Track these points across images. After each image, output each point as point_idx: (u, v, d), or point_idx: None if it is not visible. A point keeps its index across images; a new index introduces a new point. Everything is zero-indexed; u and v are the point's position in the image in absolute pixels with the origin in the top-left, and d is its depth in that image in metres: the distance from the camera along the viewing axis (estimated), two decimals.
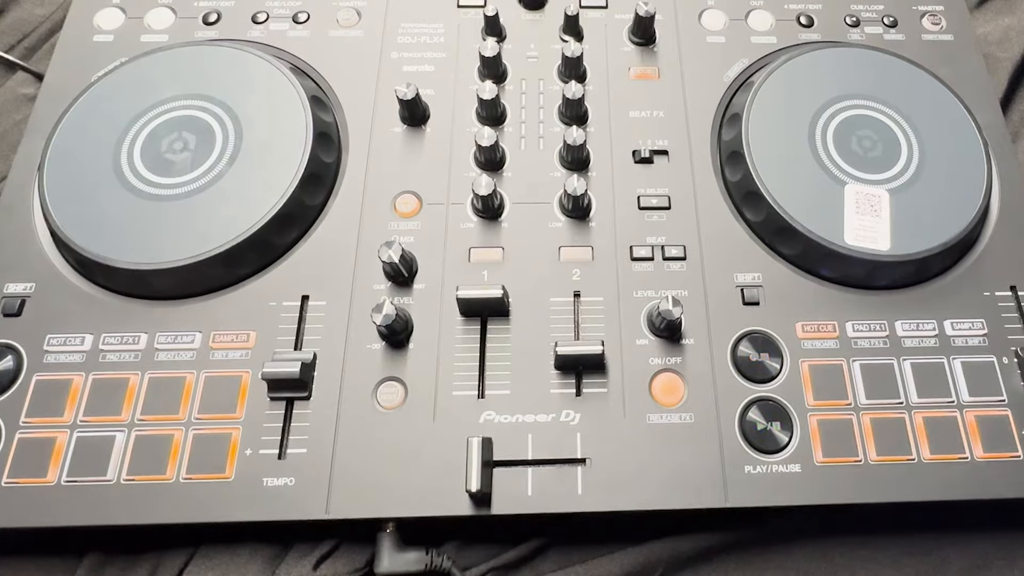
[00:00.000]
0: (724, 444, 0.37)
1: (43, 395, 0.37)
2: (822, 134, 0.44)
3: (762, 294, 0.41)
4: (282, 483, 0.35)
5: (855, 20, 0.51)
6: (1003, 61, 0.53)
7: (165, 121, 0.43)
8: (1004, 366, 0.39)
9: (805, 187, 0.42)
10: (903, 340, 0.40)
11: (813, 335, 0.39)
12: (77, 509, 0.35)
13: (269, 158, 0.42)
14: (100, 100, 0.44)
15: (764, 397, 0.38)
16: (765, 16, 0.51)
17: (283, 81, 0.44)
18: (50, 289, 0.40)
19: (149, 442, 0.36)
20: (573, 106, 0.45)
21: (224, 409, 0.37)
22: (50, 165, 0.42)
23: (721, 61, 0.49)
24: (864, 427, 0.37)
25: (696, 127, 0.46)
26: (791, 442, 0.37)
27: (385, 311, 0.37)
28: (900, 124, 0.45)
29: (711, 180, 0.44)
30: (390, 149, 0.45)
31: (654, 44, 0.49)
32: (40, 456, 0.35)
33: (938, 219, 0.42)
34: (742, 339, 0.39)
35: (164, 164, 0.42)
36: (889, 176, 0.43)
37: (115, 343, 0.38)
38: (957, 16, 0.51)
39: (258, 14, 0.49)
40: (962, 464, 0.37)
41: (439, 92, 0.47)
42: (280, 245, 0.41)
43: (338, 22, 0.49)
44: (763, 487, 0.36)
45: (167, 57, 0.46)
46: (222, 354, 0.38)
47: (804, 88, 0.46)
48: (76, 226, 0.40)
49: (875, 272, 0.41)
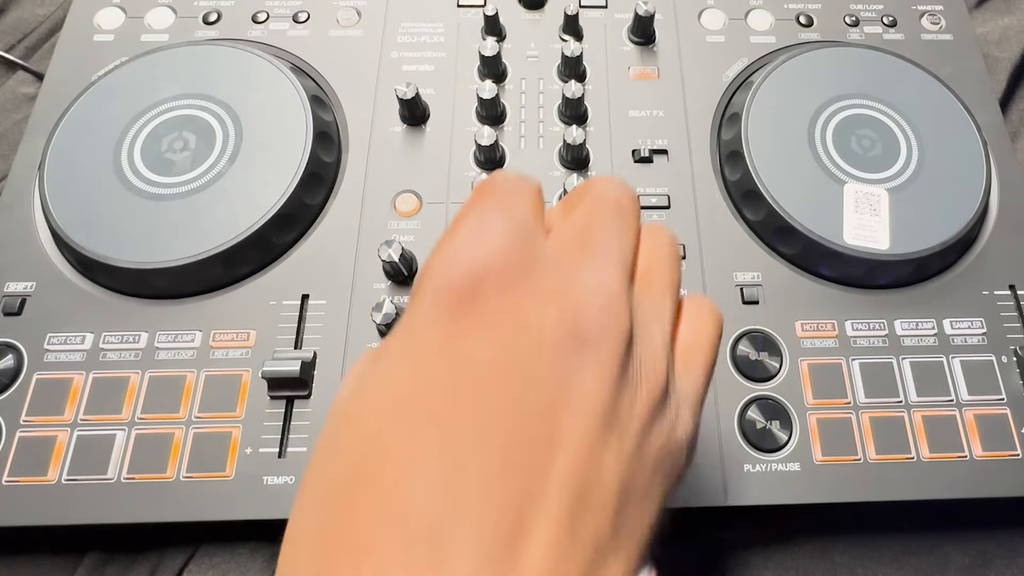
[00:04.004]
0: (723, 443, 0.37)
1: (43, 394, 0.37)
2: (821, 133, 0.44)
3: (761, 293, 0.41)
4: (282, 482, 0.35)
5: (854, 20, 0.51)
6: (1002, 61, 0.53)
7: (165, 120, 0.43)
8: (1003, 365, 0.39)
9: (804, 186, 0.42)
10: (902, 339, 0.40)
11: (812, 334, 0.40)
12: (77, 508, 0.35)
13: (269, 157, 0.42)
14: (100, 100, 0.44)
15: (763, 396, 0.38)
16: (765, 16, 0.51)
17: (283, 81, 0.44)
18: (50, 288, 0.40)
19: (149, 441, 0.36)
20: (573, 105, 0.45)
21: (224, 408, 0.37)
22: (50, 165, 0.42)
23: (720, 61, 0.49)
24: (863, 426, 0.37)
25: (695, 127, 0.46)
26: (790, 441, 0.37)
27: (385, 310, 0.37)
28: (899, 124, 0.45)
29: (711, 180, 0.44)
30: (390, 148, 0.45)
31: (654, 44, 0.49)
32: (41, 455, 0.35)
33: (937, 218, 0.42)
34: (741, 338, 0.39)
35: (164, 163, 0.42)
36: (888, 175, 0.43)
37: (115, 342, 0.38)
38: (957, 16, 0.51)
39: (258, 14, 0.49)
40: (961, 463, 0.37)
41: (439, 92, 0.47)
42: (280, 244, 0.41)
43: (338, 22, 0.49)
44: (762, 486, 0.36)
45: (167, 57, 0.46)
46: (222, 353, 0.38)
47: (803, 87, 0.46)
48: (76, 225, 0.40)
49: (874, 271, 0.41)
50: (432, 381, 0.18)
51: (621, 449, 0.18)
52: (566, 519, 0.17)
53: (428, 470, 0.17)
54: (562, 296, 0.19)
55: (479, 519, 0.16)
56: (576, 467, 0.17)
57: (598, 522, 0.17)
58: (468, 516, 0.16)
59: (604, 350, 0.18)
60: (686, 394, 0.21)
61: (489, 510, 0.16)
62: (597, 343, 0.18)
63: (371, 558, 0.16)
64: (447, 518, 0.16)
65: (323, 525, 0.17)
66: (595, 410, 0.18)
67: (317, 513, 0.18)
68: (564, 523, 0.17)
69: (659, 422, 0.20)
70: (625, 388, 0.19)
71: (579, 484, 0.17)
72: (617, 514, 0.18)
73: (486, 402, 0.17)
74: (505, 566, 0.16)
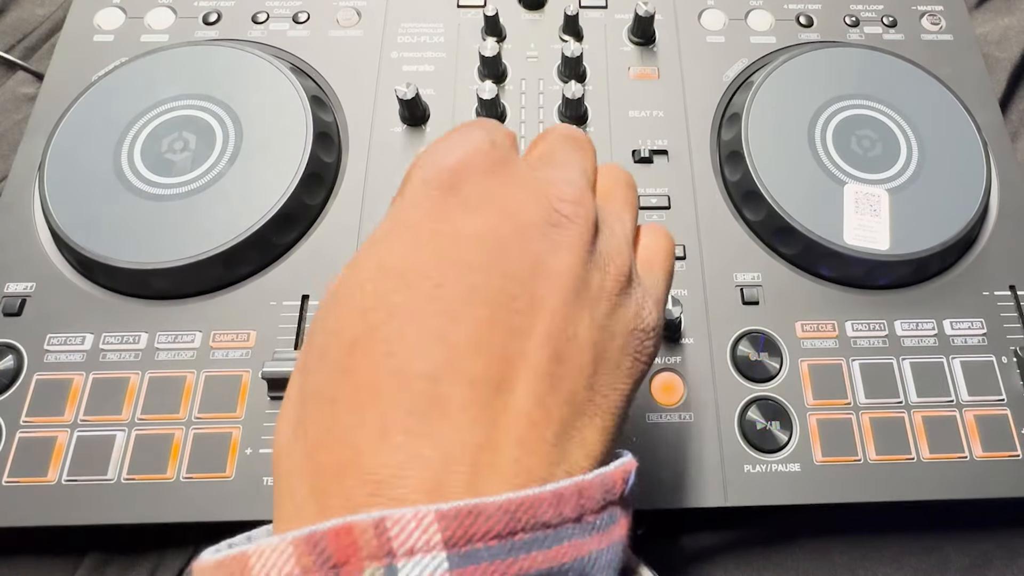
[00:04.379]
0: (724, 443, 0.37)
1: (43, 394, 0.37)
2: (821, 134, 0.44)
3: (762, 293, 0.41)
4: None
5: (854, 20, 0.51)
6: (1002, 61, 0.53)
7: (165, 121, 0.43)
8: (1003, 366, 0.39)
9: (804, 187, 0.42)
10: (902, 339, 0.40)
11: (812, 334, 0.40)
12: (78, 508, 0.35)
13: (269, 158, 0.42)
14: (100, 100, 0.44)
15: (764, 396, 0.38)
16: (765, 16, 0.51)
17: (283, 81, 0.44)
18: (50, 289, 0.40)
19: (149, 441, 0.36)
20: (573, 106, 0.45)
21: (224, 408, 0.37)
22: (50, 165, 0.42)
23: (721, 61, 0.49)
24: (863, 426, 0.37)
25: (696, 127, 0.46)
26: (791, 441, 0.37)
27: None
28: (899, 124, 0.45)
29: (711, 180, 0.44)
30: (390, 149, 0.45)
31: (654, 44, 0.49)
32: (41, 455, 0.35)
33: (937, 219, 0.42)
34: (742, 338, 0.39)
35: (164, 164, 0.42)
36: (888, 176, 0.43)
37: (115, 342, 0.38)
38: (957, 16, 0.51)
39: (258, 14, 0.49)
40: (961, 463, 0.37)
41: (439, 92, 0.47)
42: (280, 245, 0.41)
43: (338, 22, 0.49)
44: (763, 486, 0.36)
45: (167, 57, 0.46)
46: (222, 353, 0.38)
47: (803, 88, 0.46)
48: (76, 226, 0.40)
49: (874, 271, 0.41)
50: (425, 248, 0.20)
51: (593, 317, 0.21)
52: (546, 374, 0.19)
53: (426, 325, 0.18)
54: (537, 188, 0.22)
55: (471, 367, 0.18)
56: (554, 328, 0.19)
57: (575, 380, 0.20)
58: (462, 365, 0.18)
59: (575, 232, 0.21)
60: (648, 290, 0.24)
61: (480, 360, 0.18)
62: (568, 227, 0.21)
63: (375, 403, 0.18)
64: (443, 366, 0.18)
65: (325, 387, 0.19)
66: (569, 282, 0.20)
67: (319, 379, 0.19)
68: (544, 377, 0.19)
69: (626, 304, 0.22)
70: (594, 267, 0.21)
71: (557, 344, 0.19)
72: (591, 377, 0.20)
73: (474, 267, 0.19)
74: (494, 410, 0.18)
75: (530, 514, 0.17)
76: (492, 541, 0.16)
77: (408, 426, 0.17)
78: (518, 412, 0.18)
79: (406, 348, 0.18)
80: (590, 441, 0.20)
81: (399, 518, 0.15)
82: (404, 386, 0.18)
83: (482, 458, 0.17)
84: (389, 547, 0.15)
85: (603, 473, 0.19)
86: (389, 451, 0.17)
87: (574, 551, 0.17)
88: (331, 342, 0.19)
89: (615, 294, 0.22)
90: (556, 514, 0.17)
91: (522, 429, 0.18)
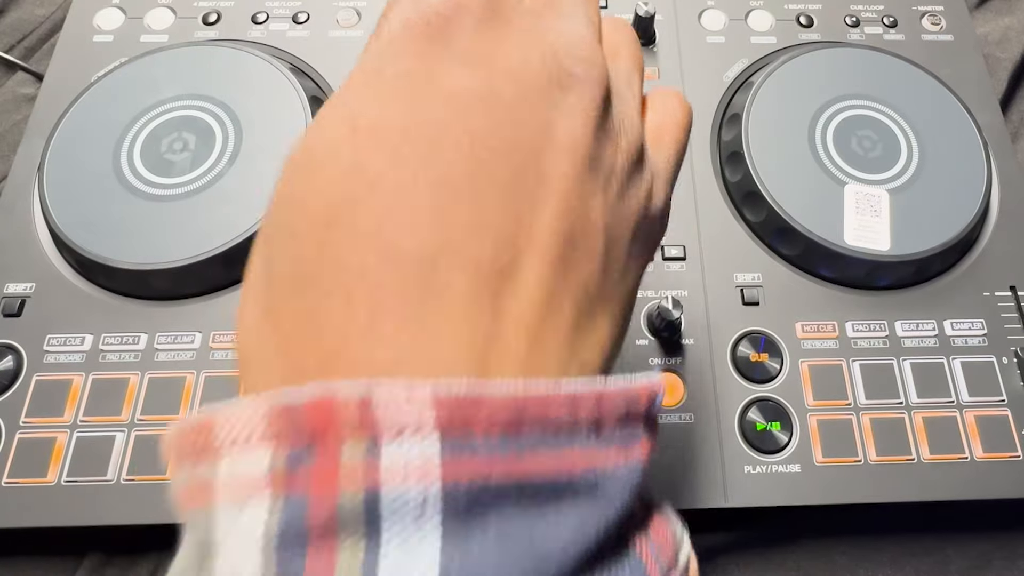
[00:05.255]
0: (724, 444, 0.37)
1: (43, 395, 0.37)
2: (822, 134, 0.44)
3: (762, 294, 0.41)
4: None
5: (855, 20, 0.51)
6: (1003, 61, 0.53)
7: (165, 121, 0.43)
8: (1004, 366, 0.39)
9: (805, 187, 0.42)
10: (903, 340, 0.40)
11: (813, 335, 0.40)
12: (77, 509, 0.35)
13: (269, 158, 0.42)
14: (100, 100, 0.44)
15: (764, 397, 0.38)
16: (765, 16, 0.51)
17: (283, 81, 0.44)
18: (50, 289, 0.40)
19: (149, 442, 0.36)
20: None
21: None
22: (50, 165, 0.42)
23: (721, 61, 0.49)
24: (864, 427, 0.37)
25: (696, 127, 0.46)
26: (791, 442, 0.37)
27: None
28: (900, 124, 0.45)
29: (711, 180, 0.44)
30: None
31: (654, 44, 0.49)
32: (40, 456, 0.35)
33: (938, 219, 0.42)
34: (742, 339, 0.39)
35: (164, 164, 0.42)
36: (889, 176, 0.43)
37: (115, 343, 0.38)
38: (957, 16, 0.51)
39: (258, 14, 0.49)
40: (962, 464, 0.37)
41: None
42: None
43: (338, 22, 0.49)
44: (763, 487, 0.36)
45: (167, 57, 0.46)
46: (222, 354, 0.38)
47: (804, 88, 0.46)
48: (76, 226, 0.40)
49: (875, 272, 0.41)
50: (410, 106, 0.17)
51: (606, 195, 0.18)
52: (557, 258, 0.17)
53: (418, 198, 0.16)
54: (542, 41, 0.18)
55: (475, 247, 0.16)
56: (565, 204, 0.17)
57: (587, 266, 0.17)
58: (464, 244, 0.16)
59: (586, 96, 0.18)
60: (658, 169, 0.21)
61: (484, 239, 0.16)
62: (579, 88, 0.18)
63: (362, 284, 0.15)
64: (442, 246, 0.15)
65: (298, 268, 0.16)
66: (580, 152, 0.18)
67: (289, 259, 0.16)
68: (556, 262, 0.17)
69: (637, 182, 0.20)
70: (607, 137, 0.19)
71: (569, 223, 0.17)
72: (604, 259, 0.18)
73: (473, 132, 0.16)
74: (501, 295, 0.16)
75: (541, 412, 0.14)
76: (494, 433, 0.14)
77: (404, 315, 0.15)
78: (529, 301, 0.16)
79: (396, 226, 0.15)
80: (602, 335, 0.18)
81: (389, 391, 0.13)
82: (396, 269, 0.15)
83: (488, 352, 0.15)
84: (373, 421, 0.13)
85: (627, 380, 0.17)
86: (381, 342, 0.15)
87: (587, 460, 0.15)
88: (300, 218, 0.16)
89: (628, 169, 0.19)
90: (569, 415, 0.15)
91: (532, 320, 0.16)
